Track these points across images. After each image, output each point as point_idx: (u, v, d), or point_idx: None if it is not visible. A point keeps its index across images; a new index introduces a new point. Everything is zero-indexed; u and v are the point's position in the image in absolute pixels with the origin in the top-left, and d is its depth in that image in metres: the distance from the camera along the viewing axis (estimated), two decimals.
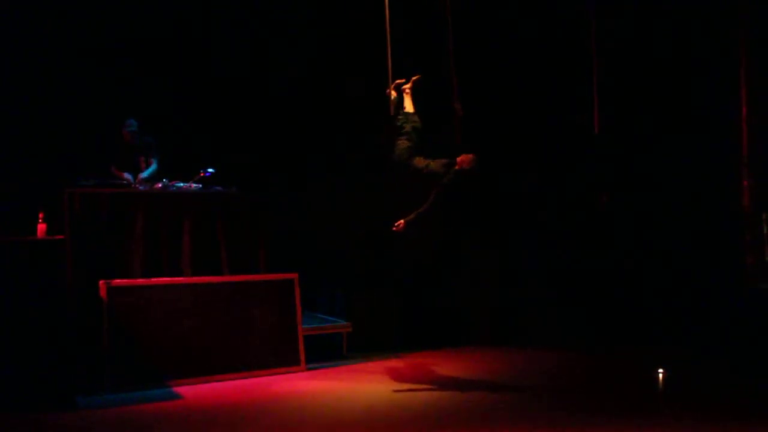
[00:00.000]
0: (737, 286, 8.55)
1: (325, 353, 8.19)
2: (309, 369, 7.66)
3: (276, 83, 9.49)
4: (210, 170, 7.95)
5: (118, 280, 7.04)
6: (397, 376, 7.47)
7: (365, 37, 8.55)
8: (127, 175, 8.04)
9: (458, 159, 6.83)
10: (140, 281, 7.19)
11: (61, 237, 6.99)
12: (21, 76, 8.43)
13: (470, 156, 6.82)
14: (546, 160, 9.49)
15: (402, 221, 6.87)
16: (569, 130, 9.36)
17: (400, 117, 7.16)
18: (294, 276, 7.82)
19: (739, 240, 8.71)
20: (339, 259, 9.30)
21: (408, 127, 7.10)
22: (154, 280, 7.23)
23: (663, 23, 8.98)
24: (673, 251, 8.97)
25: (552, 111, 9.44)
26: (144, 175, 8.08)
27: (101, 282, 6.94)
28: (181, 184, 7.87)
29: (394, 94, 7.17)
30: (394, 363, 8.07)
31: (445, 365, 7.94)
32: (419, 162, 6.97)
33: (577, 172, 9.42)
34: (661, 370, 7.34)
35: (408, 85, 7.28)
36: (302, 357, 7.67)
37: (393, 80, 7.11)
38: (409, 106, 7.27)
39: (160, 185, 7.79)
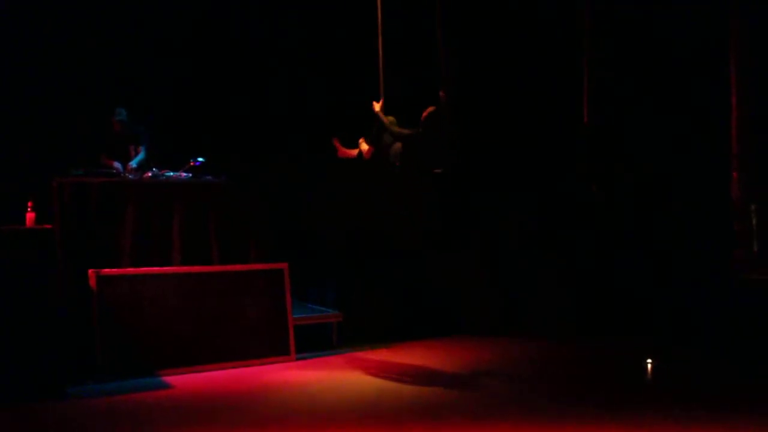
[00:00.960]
0: (725, 278, 8.59)
1: (316, 343, 8.19)
2: (299, 359, 7.66)
3: (269, 73, 9.46)
4: (200, 159, 7.93)
5: (107, 270, 7.02)
6: (387, 366, 7.48)
7: (363, 31, 8.55)
8: (116, 164, 8.01)
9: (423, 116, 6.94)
10: (130, 270, 7.18)
11: (50, 226, 6.96)
12: (9, 66, 8.38)
13: (430, 108, 6.89)
14: (539, 150, 9.49)
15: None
16: (561, 121, 9.36)
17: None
18: (284, 266, 7.82)
19: (728, 231, 8.75)
20: (331, 249, 9.29)
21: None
22: (144, 270, 7.22)
23: (655, 17, 8.98)
24: (661, 243, 9.00)
25: (545, 102, 9.44)
26: (132, 163, 8.06)
27: (91, 271, 6.93)
28: (171, 174, 7.85)
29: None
30: (385, 353, 8.08)
31: (436, 355, 7.96)
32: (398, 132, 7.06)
33: (569, 163, 9.43)
34: (649, 360, 7.40)
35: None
36: (292, 347, 7.68)
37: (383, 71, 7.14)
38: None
39: (149, 174, 7.77)
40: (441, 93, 7.05)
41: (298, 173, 9.33)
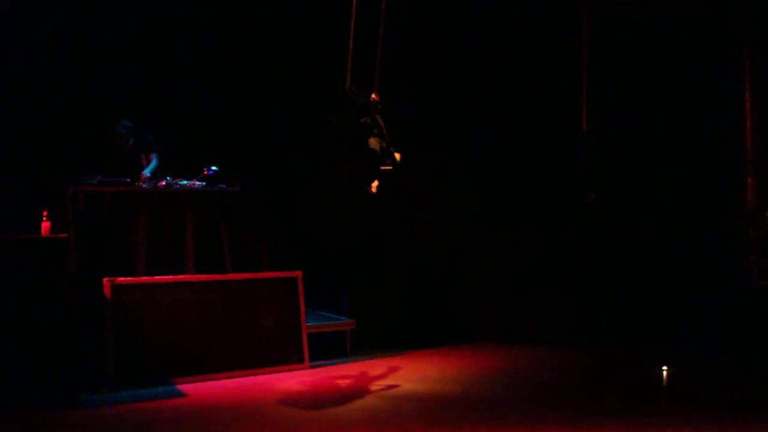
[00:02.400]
0: (738, 284, 8.54)
1: (329, 351, 8.19)
2: (313, 367, 7.66)
3: (277, 82, 9.49)
4: (213, 168, 7.96)
5: (121, 278, 7.04)
6: (401, 373, 7.47)
7: (366, 35, 8.56)
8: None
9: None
10: (144, 279, 7.20)
11: (65, 235, 7.00)
12: (24, 75, 8.44)
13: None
14: (545, 157, 9.50)
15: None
16: (561, 126, 9.35)
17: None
18: (298, 274, 7.83)
19: (743, 238, 8.70)
20: (343, 256, 9.29)
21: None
22: (158, 278, 7.24)
23: (664, 19, 8.95)
24: (676, 250, 8.96)
25: (546, 108, 9.43)
26: (146, 172, 8.08)
27: (105, 280, 6.95)
28: (185, 182, 7.88)
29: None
30: (399, 360, 8.06)
31: (449, 363, 7.94)
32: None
33: (568, 170, 9.41)
34: (664, 368, 7.36)
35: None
36: (306, 355, 7.68)
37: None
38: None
39: (163, 183, 7.80)
40: (374, 96, 6.95)
41: (309, 180, 9.35)
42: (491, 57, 9.46)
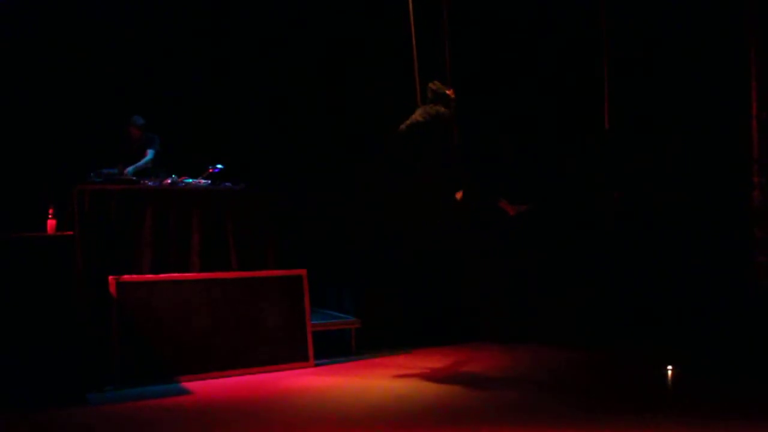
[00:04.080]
0: (746, 285, 8.51)
1: (334, 349, 8.21)
2: (318, 365, 7.67)
3: (285, 79, 9.50)
4: (219, 166, 7.96)
5: (127, 276, 7.06)
6: (406, 372, 7.47)
7: (372, 34, 8.57)
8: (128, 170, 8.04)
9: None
10: (149, 277, 7.21)
11: (71, 233, 7.01)
12: (30, 73, 8.46)
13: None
14: (557, 155, 9.48)
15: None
16: (579, 124, 9.33)
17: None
18: (303, 272, 7.84)
19: (749, 238, 8.67)
20: (348, 255, 9.30)
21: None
22: (164, 276, 7.25)
23: (672, 16, 8.94)
24: (680, 249, 8.94)
25: (562, 107, 9.41)
26: (139, 163, 8.07)
27: (111, 278, 6.97)
28: (190, 180, 7.88)
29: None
30: (403, 359, 8.07)
31: (455, 362, 7.94)
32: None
33: (587, 168, 9.40)
34: (669, 367, 7.35)
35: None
36: (311, 353, 7.69)
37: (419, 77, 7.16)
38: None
39: (168, 181, 7.81)
40: (449, 91, 7.04)
41: (313, 178, 9.36)
42: (507, 56, 9.46)
